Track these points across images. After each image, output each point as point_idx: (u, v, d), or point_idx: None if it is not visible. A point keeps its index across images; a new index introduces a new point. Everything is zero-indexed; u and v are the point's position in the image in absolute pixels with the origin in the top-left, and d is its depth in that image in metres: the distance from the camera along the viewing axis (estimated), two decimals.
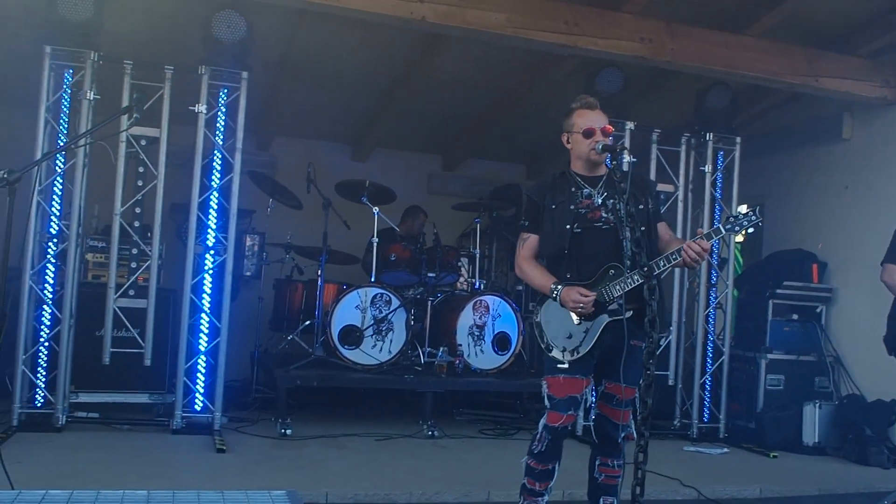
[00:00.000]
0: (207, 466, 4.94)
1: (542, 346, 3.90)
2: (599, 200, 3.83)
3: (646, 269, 3.56)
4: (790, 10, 6.44)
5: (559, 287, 3.76)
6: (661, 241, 3.89)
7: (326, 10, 5.61)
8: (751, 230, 3.91)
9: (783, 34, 6.74)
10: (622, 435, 3.81)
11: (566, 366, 3.76)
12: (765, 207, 8.74)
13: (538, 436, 3.81)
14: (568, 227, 3.80)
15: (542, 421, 3.79)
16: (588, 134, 3.85)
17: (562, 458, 3.85)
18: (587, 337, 3.75)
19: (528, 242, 3.98)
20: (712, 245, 3.78)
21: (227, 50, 5.89)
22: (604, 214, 3.80)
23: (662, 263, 3.66)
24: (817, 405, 6.96)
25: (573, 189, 3.87)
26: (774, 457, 6.52)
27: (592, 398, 3.97)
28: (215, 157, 5.99)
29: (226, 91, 6.00)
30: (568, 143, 3.99)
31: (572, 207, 3.82)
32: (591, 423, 3.97)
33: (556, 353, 3.80)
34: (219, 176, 6.00)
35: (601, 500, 3.91)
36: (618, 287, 3.69)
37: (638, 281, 3.64)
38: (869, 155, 7.44)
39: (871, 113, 7.42)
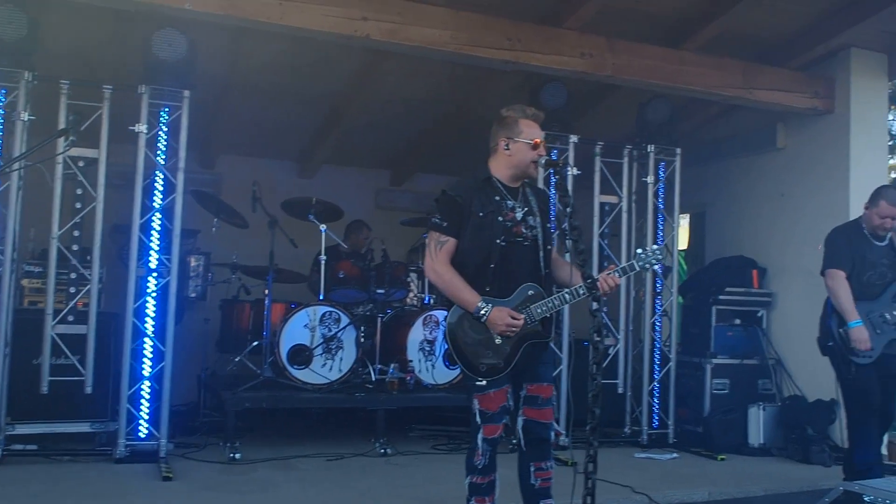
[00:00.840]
0: (152, 495, 4.84)
1: (457, 361, 3.84)
2: (520, 215, 3.84)
3: (590, 282, 3.58)
4: (725, 25, 6.62)
5: (489, 307, 3.70)
6: (553, 261, 3.94)
7: (269, 27, 5.58)
8: (657, 267, 4.00)
9: (719, 49, 6.92)
10: (552, 433, 3.87)
11: (485, 383, 3.75)
12: (706, 216, 8.96)
13: (478, 450, 3.80)
14: (497, 240, 3.77)
15: (480, 435, 3.79)
16: (535, 146, 3.85)
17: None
18: (508, 357, 3.75)
19: (447, 247, 3.81)
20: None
21: (167, 69, 5.80)
22: (524, 230, 3.82)
23: (570, 296, 3.74)
24: (761, 407, 7.12)
25: (498, 198, 3.84)
26: (722, 459, 6.64)
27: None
28: (157, 178, 5.89)
29: (167, 110, 5.91)
30: (507, 148, 3.90)
31: (500, 219, 3.79)
32: (520, 431, 3.91)
33: (472, 371, 3.77)
34: (161, 196, 5.90)
35: (542, 503, 3.91)
36: (540, 310, 3.76)
37: (561, 305, 3.77)
38: (802, 163, 7.66)
39: (802, 123, 7.64)
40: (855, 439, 5.54)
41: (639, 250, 3.98)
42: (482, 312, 3.70)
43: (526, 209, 3.87)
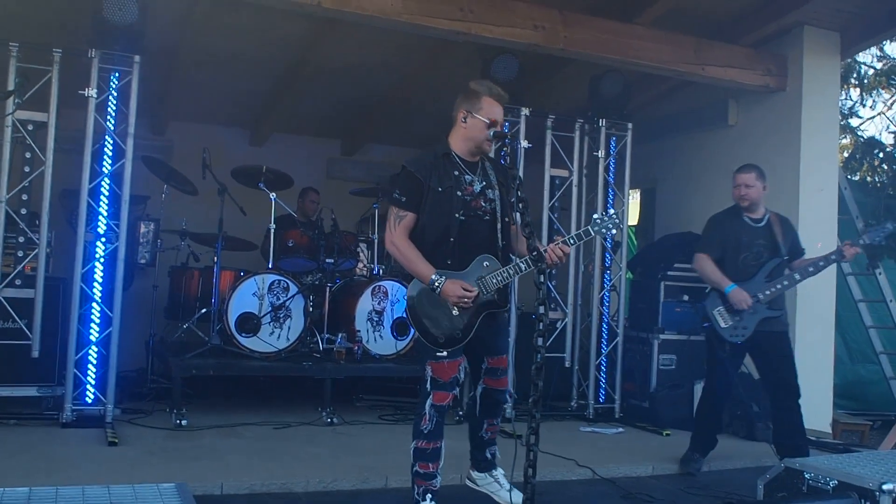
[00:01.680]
0: (98, 460, 4.80)
1: (417, 333, 4.00)
2: (478, 188, 3.95)
3: (535, 255, 3.59)
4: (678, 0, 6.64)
5: (442, 279, 3.83)
6: (512, 234, 4.05)
7: None
8: (613, 231, 4.12)
9: (672, 24, 6.95)
10: (507, 396, 4.24)
11: (445, 354, 3.91)
12: (656, 191, 9.03)
13: (425, 416, 3.97)
14: (456, 214, 3.89)
15: (429, 402, 3.95)
16: (492, 124, 3.92)
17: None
18: (466, 327, 3.91)
19: (405, 221, 3.93)
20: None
21: (118, 33, 5.68)
22: (483, 203, 3.94)
23: (524, 266, 3.85)
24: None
25: (456, 173, 3.95)
26: (667, 435, 6.70)
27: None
28: (107, 143, 5.79)
29: (117, 75, 5.79)
30: (464, 121, 4.00)
31: (459, 194, 3.90)
32: (478, 397, 4.18)
33: (432, 343, 3.93)
34: (110, 162, 5.81)
35: (487, 451, 4.30)
36: (494, 280, 3.90)
37: (514, 275, 3.88)
38: (753, 140, 7.74)
39: (754, 100, 7.72)
40: (704, 411, 5.75)
41: (595, 216, 4.11)
42: (436, 285, 3.83)
43: (484, 183, 3.97)
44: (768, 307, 5.38)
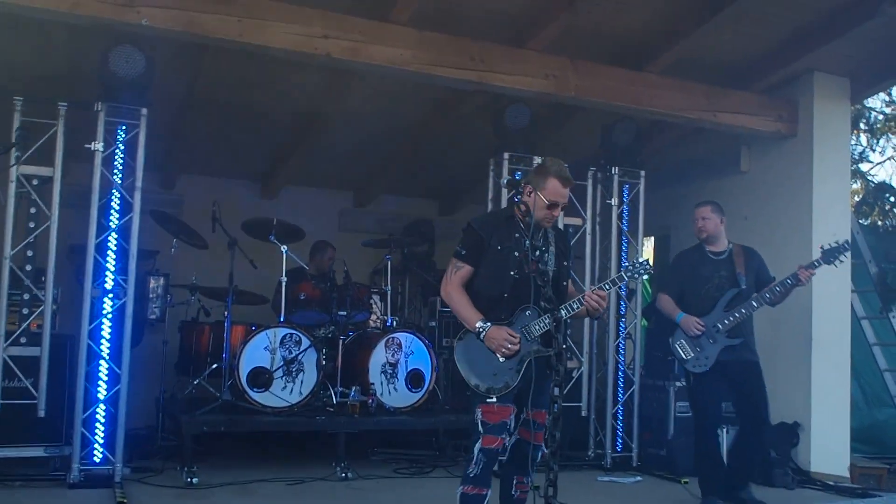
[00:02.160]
0: None
1: (467, 381, 4.07)
2: (538, 253, 4.09)
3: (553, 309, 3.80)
4: (689, 48, 6.66)
5: (487, 325, 3.97)
6: (568, 295, 4.23)
7: (228, 45, 5.53)
8: (645, 277, 4.19)
9: (683, 71, 6.96)
10: (539, 454, 4.13)
11: (494, 400, 3.96)
12: (670, 238, 8.97)
13: (474, 459, 3.99)
14: (511, 272, 4.06)
15: (478, 445, 3.98)
16: (552, 206, 4.09)
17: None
18: (514, 374, 3.98)
19: (462, 272, 4.15)
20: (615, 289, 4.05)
21: (125, 86, 5.69)
22: (539, 266, 4.06)
23: (566, 311, 4.03)
24: (725, 430, 7.07)
25: (517, 235, 4.12)
26: (685, 483, 6.55)
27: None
28: (114, 197, 5.77)
29: (124, 128, 5.78)
30: (529, 195, 4.15)
31: (517, 254, 4.07)
32: (508, 448, 4.11)
33: (482, 390, 3.99)
34: (118, 216, 5.78)
35: None
36: (537, 326, 4.02)
37: (552, 323, 3.98)
38: (766, 186, 7.71)
39: (766, 146, 7.70)
40: (699, 449, 5.80)
41: (625, 263, 4.23)
42: (481, 330, 3.98)
43: (543, 248, 4.13)
44: (727, 336, 5.54)
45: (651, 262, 5.67)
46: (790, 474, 6.68)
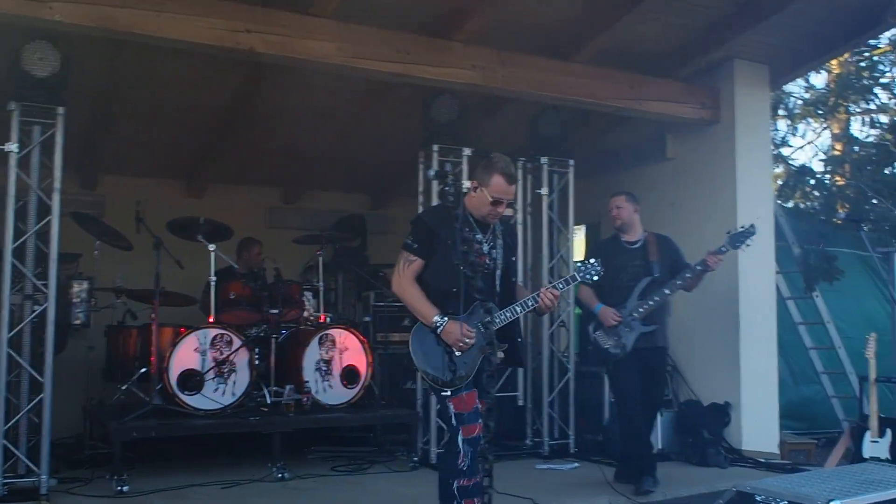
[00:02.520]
0: None
1: (420, 374, 4.17)
2: (486, 248, 4.21)
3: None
4: (613, 37, 6.75)
5: (444, 320, 4.02)
6: (517, 290, 4.37)
7: (145, 40, 5.38)
8: (595, 278, 4.41)
9: (608, 61, 7.04)
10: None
11: (448, 393, 4.02)
12: (601, 226, 9.06)
13: (461, 453, 3.98)
14: (462, 267, 4.04)
15: (460, 438, 3.99)
16: (496, 203, 4.15)
17: None
18: (469, 367, 4.06)
19: (414, 266, 4.19)
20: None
21: (39, 84, 5.47)
22: (487, 261, 4.19)
23: (521, 307, 4.16)
24: (659, 413, 7.20)
25: (467, 230, 4.14)
26: None
27: None
28: (31, 199, 5.59)
29: (40, 128, 5.60)
30: (474, 191, 4.24)
31: (465, 248, 4.07)
32: None
33: (439, 382, 4.04)
34: (35, 219, 5.59)
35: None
36: (494, 321, 4.05)
37: (508, 319, 4.14)
38: (691, 172, 7.86)
39: (690, 133, 7.85)
40: (625, 433, 5.96)
41: (577, 263, 4.57)
42: (438, 325, 4.02)
43: (491, 243, 4.23)
44: (643, 323, 5.72)
45: (570, 256, 5.86)
46: (723, 453, 6.85)
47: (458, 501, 4.02)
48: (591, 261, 4.50)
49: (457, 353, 4.04)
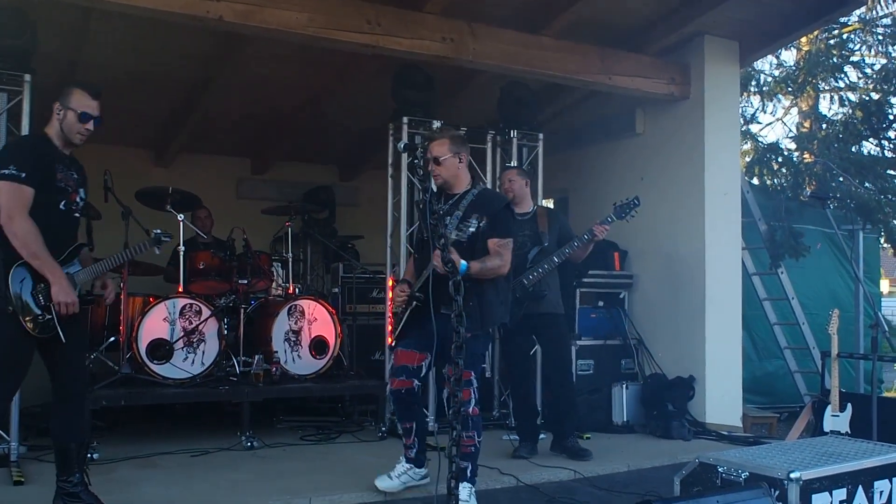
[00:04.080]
0: (2, 501, 4.57)
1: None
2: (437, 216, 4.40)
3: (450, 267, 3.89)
4: (583, 11, 6.72)
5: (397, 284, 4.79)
6: (487, 255, 4.52)
7: (111, 7, 5.31)
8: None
9: (578, 35, 7.03)
10: (462, 409, 4.17)
11: (394, 344, 4.74)
12: (569, 200, 9.14)
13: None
14: (422, 235, 4.61)
15: (388, 387, 4.86)
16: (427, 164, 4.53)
17: (419, 419, 4.82)
18: (400, 320, 4.67)
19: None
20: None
21: (6, 51, 5.44)
22: (439, 229, 4.29)
23: (427, 270, 4.44)
24: (624, 386, 7.33)
25: (436, 203, 4.40)
26: (587, 438, 6.71)
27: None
28: None
29: (6, 95, 5.53)
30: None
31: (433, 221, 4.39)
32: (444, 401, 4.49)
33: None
34: None
35: (458, 464, 4.29)
36: (417, 283, 4.59)
37: (422, 279, 4.49)
38: (660, 147, 7.91)
39: (660, 108, 7.89)
40: (515, 396, 6.41)
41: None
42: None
43: (447, 211, 4.57)
44: (532, 290, 5.94)
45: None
46: (686, 426, 6.94)
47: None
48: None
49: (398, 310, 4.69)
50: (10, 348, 3.99)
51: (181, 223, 6.61)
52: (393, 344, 4.71)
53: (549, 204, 8.24)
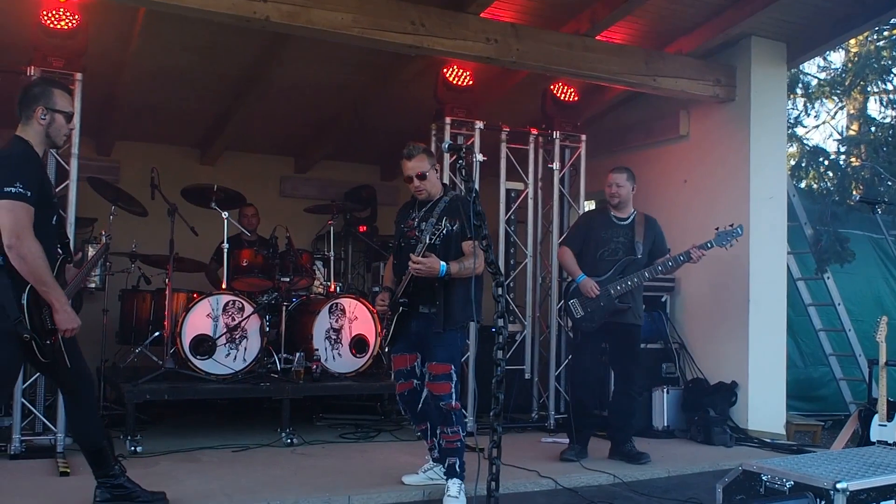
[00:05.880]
0: (49, 491, 4.66)
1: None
2: (416, 221, 4.79)
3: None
4: (628, 11, 6.67)
5: (377, 290, 5.13)
6: (463, 256, 4.68)
7: (160, 7, 5.39)
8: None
9: (623, 35, 6.99)
10: (442, 403, 4.62)
11: (386, 349, 5.04)
12: None
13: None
14: (397, 242, 4.93)
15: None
16: (408, 180, 4.83)
17: (432, 419, 4.80)
18: (389, 327, 4.83)
19: (393, 251, 5.06)
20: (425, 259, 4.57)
21: (58, 50, 5.56)
22: (416, 233, 4.73)
23: (405, 275, 4.66)
24: (665, 390, 7.25)
25: (410, 211, 4.92)
26: None
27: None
28: (49, 164, 5.64)
29: None
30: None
31: (402, 227, 4.90)
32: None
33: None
34: (54, 183, 5.65)
35: (447, 460, 4.70)
36: (398, 289, 4.75)
37: (402, 284, 4.69)
38: (704, 150, 7.82)
39: (705, 110, 7.80)
40: (574, 399, 6.19)
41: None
42: None
43: (422, 218, 4.77)
44: (618, 301, 5.82)
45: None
46: (728, 432, 6.84)
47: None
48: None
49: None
50: (13, 366, 3.95)
51: (226, 220, 6.69)
52: (386, 350, 5.00)
53: (591, 205, 8.17)
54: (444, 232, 4.67)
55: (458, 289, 4.65)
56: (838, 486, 3.33)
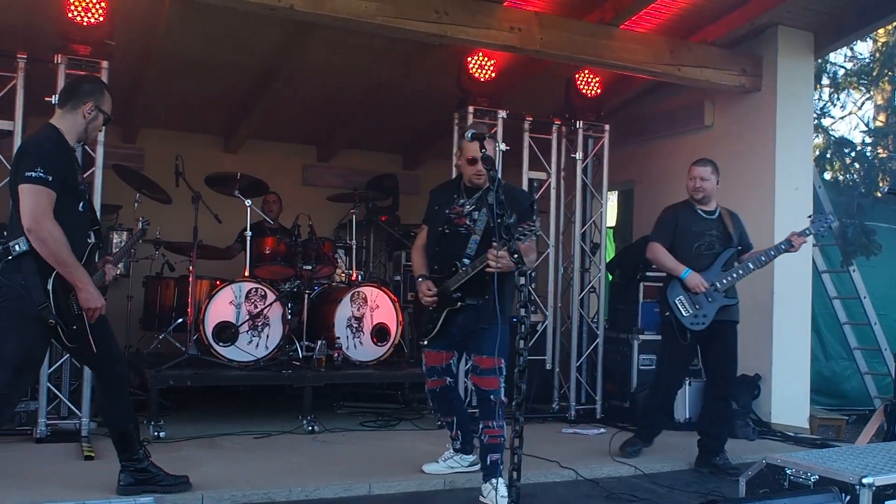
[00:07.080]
0: (73, 475, 4.69)
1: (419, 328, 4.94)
2: (468, 209, 4.61)
3: (516, 258, 3.73)
4: (652, 0, 6.62)
5: (419, 280, 4.72)
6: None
7: None
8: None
9: (647, 24, 6.93)
10: (491, 398, 4.52)
11: (425, 343, 4.77)
12: (634, 192, 9.04)
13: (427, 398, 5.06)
14: (440, 228, 4.65)
15: (426, 387, 4.92)
16: (472, 161, 4.53)
17: (459, 412, 4.95)
18: (436, 321, 4.65)
19: (421, 233, 4.89)
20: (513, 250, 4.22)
21: (84, 38, 5.59)
22: (467, 222, 4.58)
23: (471, 268, 4.44)
24: (687, 382, 7.20)
25: (454, 195, 4.69)
26: None
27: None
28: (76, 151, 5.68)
29: None
30: (458, 158, 4.80)
31: (447, 212, 4.65)
32: (471, 394, 4.92)
33: (420, 334, 4.89)
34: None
35: (488, 457, 4.56)
36: (453, 281, 4.54)
37: (464, 276, 4.47)
38: (730, 140, 7.75)
39: (730, 100, 7.73)
40: (655, 401, 5.95)
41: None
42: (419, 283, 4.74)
43: (474, 206, 4.59)
44: (725, 296, 5.56)
45: (603, 222, 5.82)
46: (751, 425, 6.80)
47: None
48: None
49: (431, 309, 4.67)
50: (38, 351, 3.99)
51: (248, 208, 6.72)
52: (424, 343, 4.78)
53: (614, 197, 8.14)
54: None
55: (509, 282, 4.49)
56: (864, 480, 3.28)
